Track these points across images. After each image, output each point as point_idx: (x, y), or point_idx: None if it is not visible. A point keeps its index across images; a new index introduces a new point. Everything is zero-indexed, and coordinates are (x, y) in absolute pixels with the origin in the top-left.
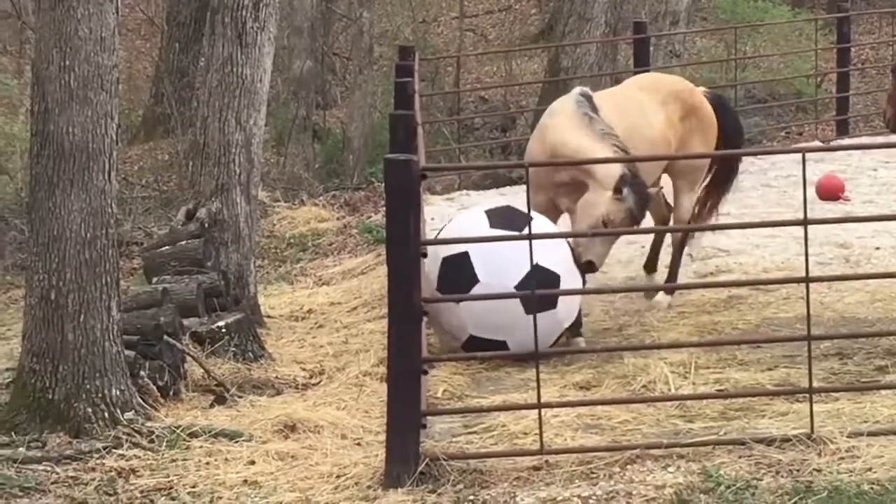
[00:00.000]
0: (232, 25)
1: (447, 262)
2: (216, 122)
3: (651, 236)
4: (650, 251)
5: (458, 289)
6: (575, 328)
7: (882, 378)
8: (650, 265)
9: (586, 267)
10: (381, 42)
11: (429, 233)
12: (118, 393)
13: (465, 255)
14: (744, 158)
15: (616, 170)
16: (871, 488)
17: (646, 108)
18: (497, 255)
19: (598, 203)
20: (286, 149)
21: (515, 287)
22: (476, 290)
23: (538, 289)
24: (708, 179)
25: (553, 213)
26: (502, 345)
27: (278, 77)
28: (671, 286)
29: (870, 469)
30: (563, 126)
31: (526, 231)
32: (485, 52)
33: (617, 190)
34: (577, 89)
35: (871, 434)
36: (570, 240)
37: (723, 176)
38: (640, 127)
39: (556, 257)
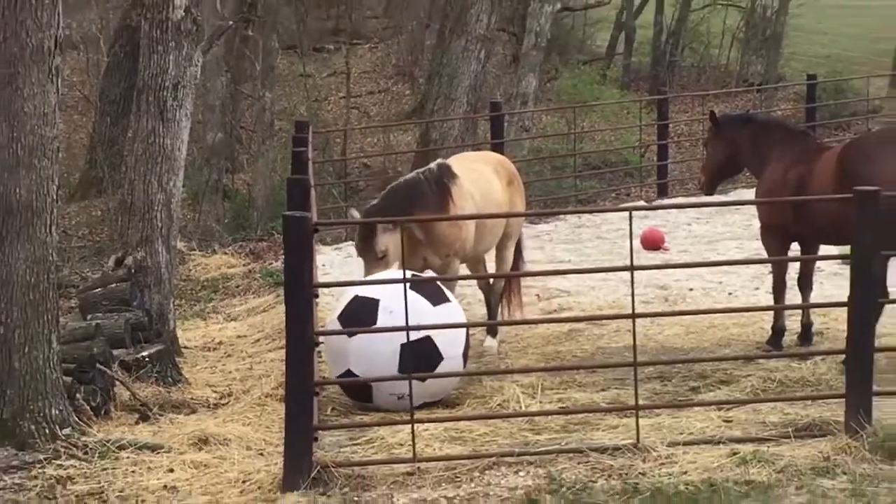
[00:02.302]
0: (155, 103)
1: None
2: (141, 184)
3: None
4: (487, 308)
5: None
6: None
7: (695, 397)
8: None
9: None
10: (280, 117)
11: (320, 277)
12: (57, 412)
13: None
14: (581, 215)
15: None
16: (687, 488)
17: (488, 177)
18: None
19: None
20: (201, 206)
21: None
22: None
23: (421, 357)
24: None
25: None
26: (368, 388)
27: (194, 146)
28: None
29: (685, 472)
30: None
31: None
32: (367, 126)
33: None
34: (437, 162)
35: (686, 443)
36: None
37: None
38: (490, 193)
39: (453, 340)
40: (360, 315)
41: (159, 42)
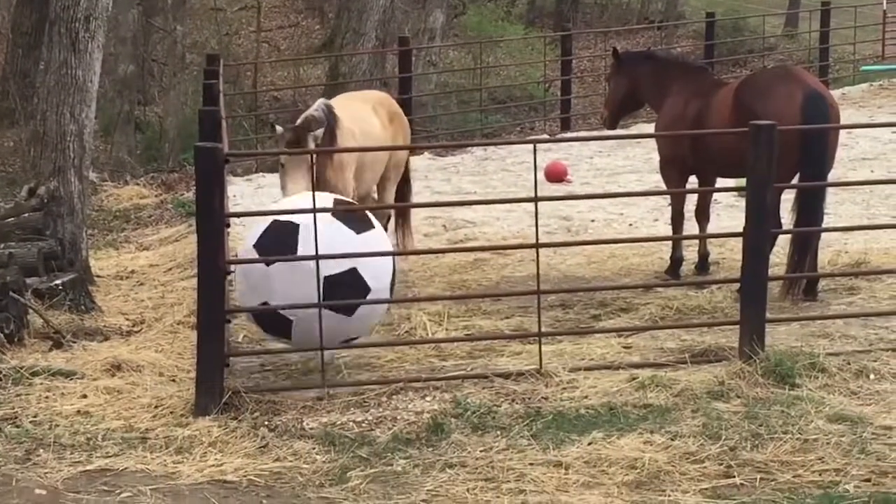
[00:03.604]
0: (67, 35)
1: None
2: (53, 115)
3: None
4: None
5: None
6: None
7: (596, 324)
8: None
9: None
10: (191, 51)
11: (231, 207)
12: None
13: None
14: (487, 147)
15: None
16: (587, 412)
17: (367, 115)
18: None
19: None
20: (113, 138)
21: (326, 277)
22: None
23: (346, 290)
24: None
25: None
26: (288, 322)
27: (106, 78)
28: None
29: (586, 397)
30: None
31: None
32: (278, 59)
33: None
34: (320, 101)
35: (587, 369)
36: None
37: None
38: (369, 130)
39: (379, 271)
40: (280, 242)
41: None
